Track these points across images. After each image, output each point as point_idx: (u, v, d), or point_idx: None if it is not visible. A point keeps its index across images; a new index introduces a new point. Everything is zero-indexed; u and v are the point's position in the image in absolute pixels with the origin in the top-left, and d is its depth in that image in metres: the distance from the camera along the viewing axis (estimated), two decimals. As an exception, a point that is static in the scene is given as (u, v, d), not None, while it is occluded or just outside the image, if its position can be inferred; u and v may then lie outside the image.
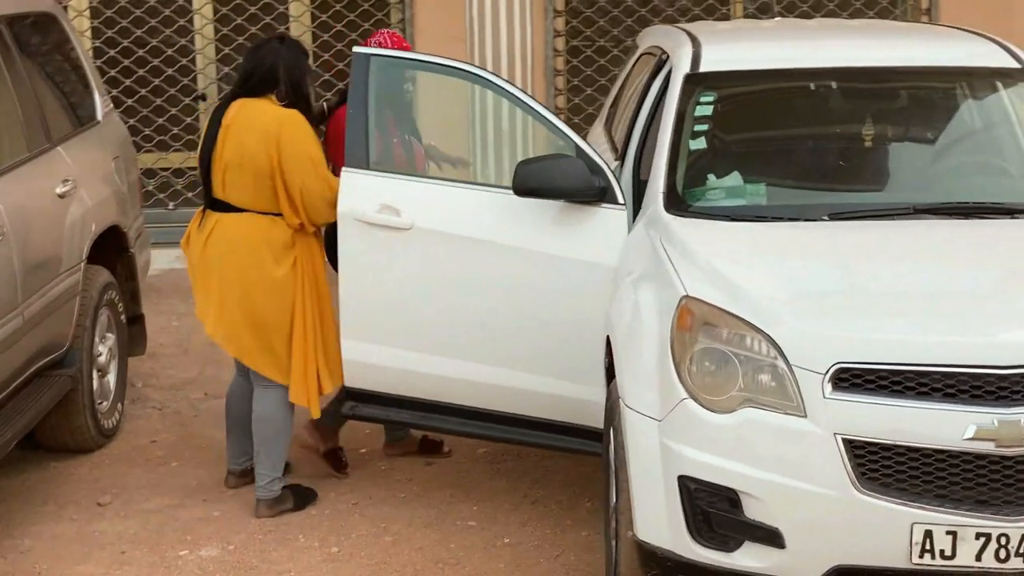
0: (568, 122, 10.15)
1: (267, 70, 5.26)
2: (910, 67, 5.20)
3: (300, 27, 10.06)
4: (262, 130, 5.15)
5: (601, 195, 4.92)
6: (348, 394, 5.38)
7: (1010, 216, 4.59)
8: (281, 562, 4.98)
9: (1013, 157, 5.15)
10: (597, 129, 6.82)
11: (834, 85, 5.21)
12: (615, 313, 4.51)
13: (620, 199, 4.95)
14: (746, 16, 10.27)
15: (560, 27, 10.21)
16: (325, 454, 5.72)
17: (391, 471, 5.84)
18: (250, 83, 5.29)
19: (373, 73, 5.29)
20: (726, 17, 10.23)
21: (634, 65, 6.44)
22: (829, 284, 4.20)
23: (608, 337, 4.56)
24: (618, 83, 6.75)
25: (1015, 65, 5.15)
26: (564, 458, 5.84)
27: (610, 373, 4.56)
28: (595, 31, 10.31)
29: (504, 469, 5.84)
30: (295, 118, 5.21)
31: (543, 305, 5.04)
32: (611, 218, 4.94)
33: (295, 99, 5.28)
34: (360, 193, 5.16)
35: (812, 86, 5.24)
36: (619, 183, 5.02)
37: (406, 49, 5.80)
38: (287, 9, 10.08)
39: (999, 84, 5.25)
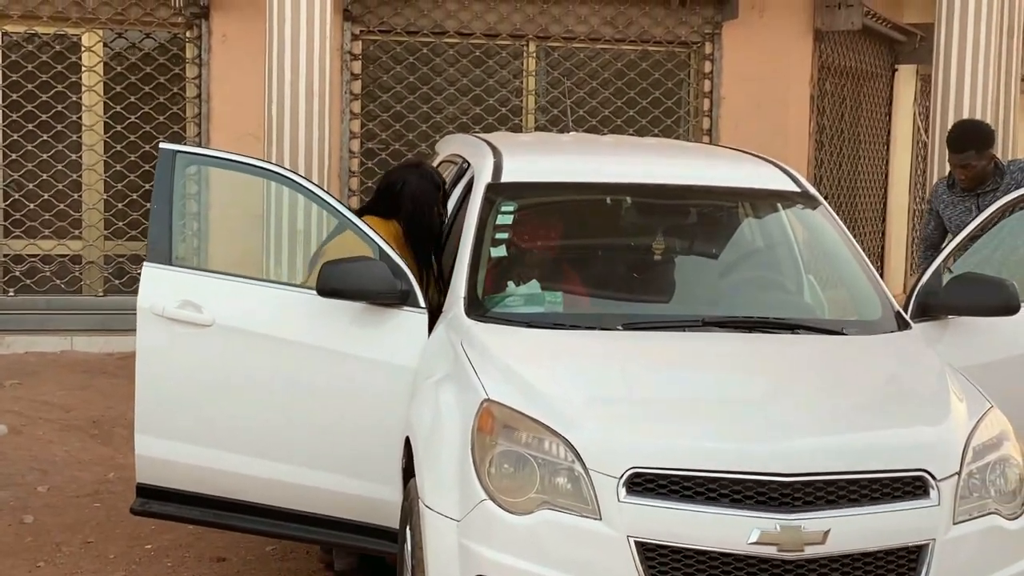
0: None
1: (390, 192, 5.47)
2: (700, 186, 5.48)
3: (93, 117, 9.94)
4: None
5: (403, 298, 4.99)
6: (140, 491, 5.29)
7: (790, 331, 4.86)
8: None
9: (792, 275, 5.47)
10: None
11: (629, 200, 5.44)
12: (415, 414, 4.59)
13: (421, 303, 5.04)
14: (537, 128, 10.62)
15: (356, 129, 10.36)
16: None
17: (177, 567, 5.75)
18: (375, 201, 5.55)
19: (178, 169, 5.30)
20: (518, 128, 10.54)
21: (434, 172, 6.57)
22: (624, 391, 4.36)
23: (408, 438, 4.62)
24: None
25: (794, 188, 5.48)
26: (350, 553, 5.86)
27: (407, 473, 4.63)
28: (390, 135, 10.49)
29: (291, 568, 5.81)
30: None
31: (340, 404, 5.06)
32: (412, 321, 5.02)
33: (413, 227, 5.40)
34: (162, 287, 5.13)
35: (608, 200, 5.45)
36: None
37: None
38: (79, 98, 9.96)
39: (780, 205, 5.57)
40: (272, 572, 5.76)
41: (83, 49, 9.96)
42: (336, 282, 4.92)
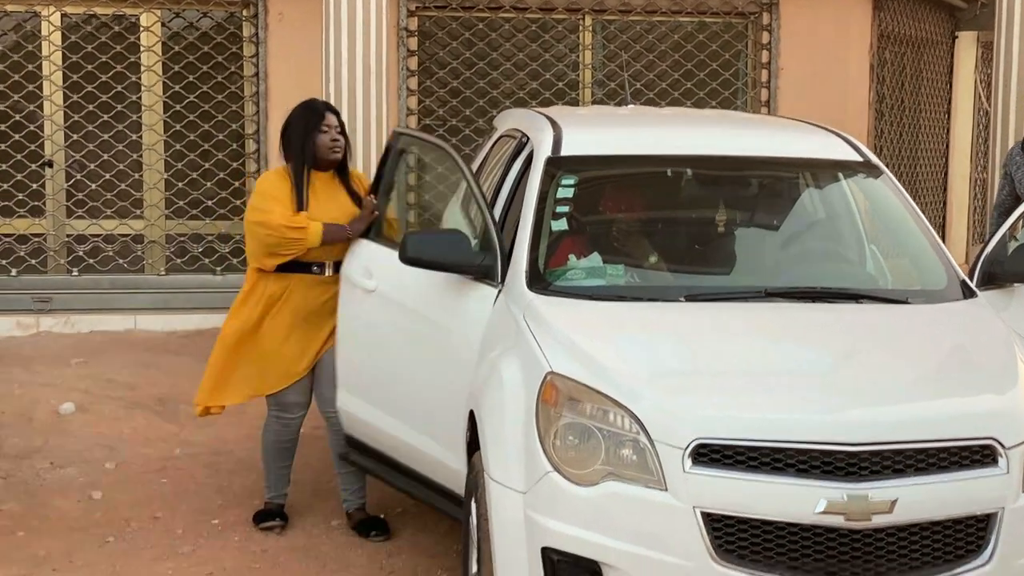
0: (419, 199, 10.34)
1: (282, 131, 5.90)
2: (761, 156, 5.45)
3: (152, 97, 10.02)
4: None
5: (484, 272, 5.00)
6: (346, 440, 5.81)
7: (854, 301, 4.83)
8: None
9: (854, 245, 5.43)
10: (454, 208, 6.93)
11: (689, 172, 5.42)
12: (479, 388, 4.61)
13: (499, 278, 5.02)
14: (594, 102, 10.58)
15: (412, 105, 10.37)
16: None
17: (245, 542, 5.81)
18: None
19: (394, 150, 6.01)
20: (576, 103, 10.51)
21: (492, 146, 6.59)
22: (688, 362, 4.36)
23: (471, 411, 4.65)
24: (476, 163, 6.88)
25: (856, 158, 5.44)
26: (416, 530, 5.92)
27: (471, 446, 4.65)
28: (447, 111, 10.50)
29: (358, 540, 5.85)
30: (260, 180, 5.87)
31: (430, 372, 5.24)
32: (484, 294, 5.02)
33: (299, 157, 5.77)
34: (358, 256, 5.73)
35: (669, 172, 5.44)
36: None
37: None
38: (139, 79, 10.04)
39: (842, 175, 5.53)
40: (339, 545, 5.80)
41: (141, 29, 10.03)
42: (414, 251, 5.06)
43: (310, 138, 5.75)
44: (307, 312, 5.79)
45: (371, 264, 5.64)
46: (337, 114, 5.92)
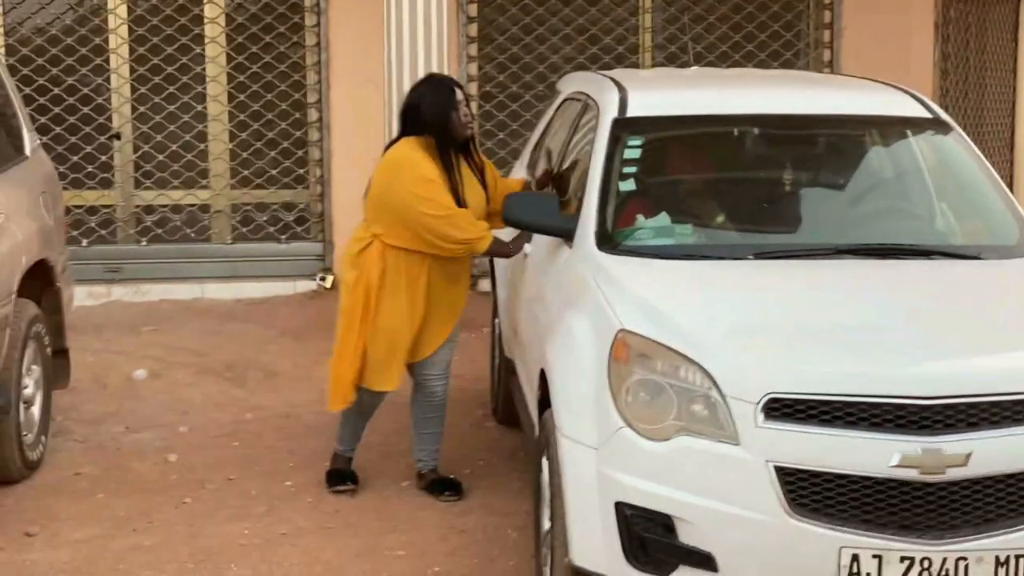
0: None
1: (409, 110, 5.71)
2: (827, 115, 5.45)
3: (216, 68, 10.11)
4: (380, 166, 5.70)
5: (569, 234, 5.09)
6: None
7: (925, 257, 4.83)
8: (214, 592, 5.02)
9: (923, 201, 5.41)
10: (519, 172, 6.98)
11: (756, 131, 5.43)
12: (550, 347, 4.65)
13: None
14: (654, 66, 10.55)
15: (473, 72, 10.40)
16: None
17: (318, 503, 5.90)
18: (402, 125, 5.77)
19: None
20: (636, 66, 10.50)
21: (557, 110, 6.61)
22: (758, 318, 4.37)
23: (542, 370, 4.69)
24: (540, 127, 6.92)
25: (925, 115, 5.42)
26: (486, 490, 5.98)
27: (542, 405, 4.70)
28: (507, 76, 10.52)
29: (429, 500, 5.92)
30: (394, 153, 5.66)
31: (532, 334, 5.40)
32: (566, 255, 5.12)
33: (440, 135, 5.59)
34: None
35: (735, 132, 5.45)
36: None
37: None
38: (203, 51, 10.13)
39: (911, 132, 5.51)
40: (410, 505, 5.87)
41: (205, 1, 10.12)
42: (511, 213, 5.22)
43: (447, 116, 5.60)
44: (446, 298, 5.78)
45: None
46: (463, 88, 5.82)
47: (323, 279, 10.06)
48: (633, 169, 5.34)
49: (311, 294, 10.03)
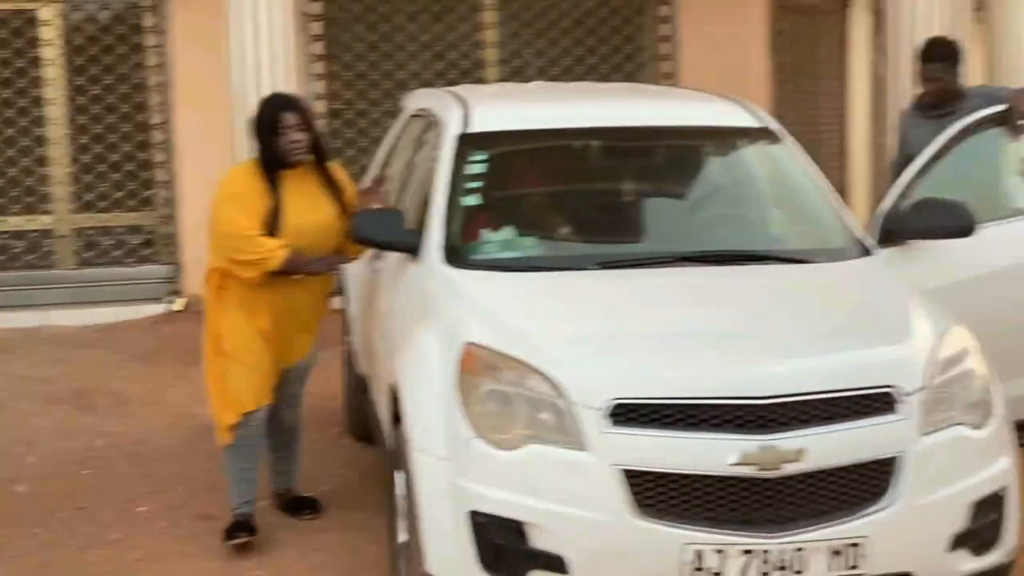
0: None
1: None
2: (666, 126, 5.61)
3: (56, 90, 9.96)
4: None
5: (415, 249, 5.15)
6: None
7: (759, 262, 5.01)
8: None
9: (757, 208, 5.61)
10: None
11: (597, 143, 5.57)
12: (400, 361, 4.72)
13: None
14: (500, 80, 10.69)
15: (320, 91, 10.42)
16: None
17: (173, 527, 5.87)
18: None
19: None
20: (482, 81, 10.63)
21: (404, 127, 6.69)
22: (602, 326, 4.49)
23: (391, 385, 4.76)
24: (386, 144, 6.98)
25: (757, 124, 5.62)
26: (342, 506, 6.02)
27: (395, 419, 4.76)
28: (355, 94, 10.56)
29: (287, 520, 5.93)
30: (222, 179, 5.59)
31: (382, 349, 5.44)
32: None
33: (263, 156, 5.52)
34: None
35: (577, 145, 5.58)
36: None
37: None
38: (41, 73, 9.97)
39: (744, 142, 5.71)
40: (267, 524, 5.87)
41: (40, 23, 9.97)
42: (358, 231, 5.26)
43: (269, 138, 5.48)
44: (294, 311, 5.61)
45: None
46: (298, 109, 5.53)
47: (172, 302, 9.98)
48: (477, 184, 5.42)
49: (160, 317, 9.94)
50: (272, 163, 5.48)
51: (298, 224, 5.43)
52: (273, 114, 5.49)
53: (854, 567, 4.03)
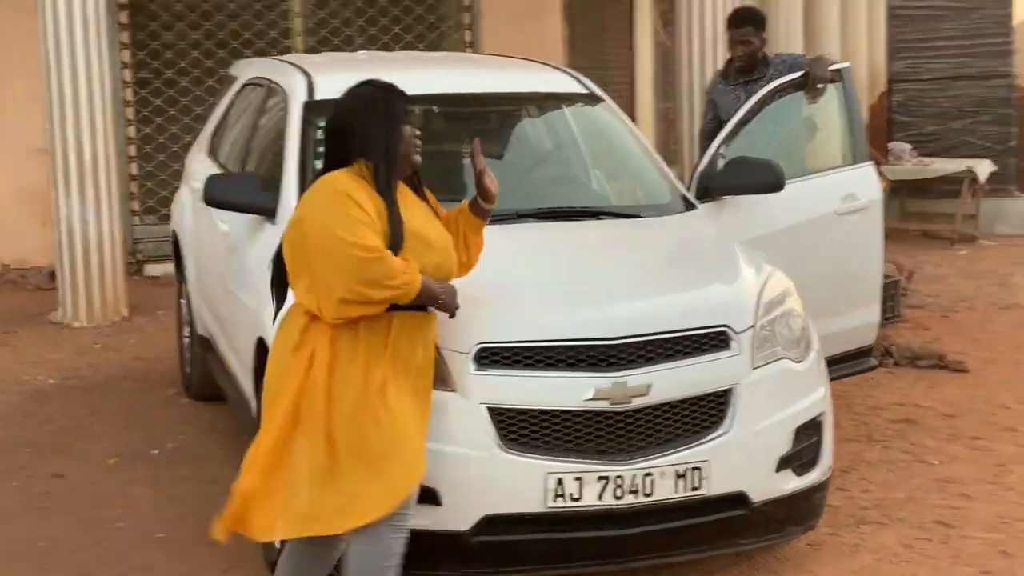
0: (140, 151, 10.43)
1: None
2: (504, 93, 6.01)
3: None
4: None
5: (271, 213, 5.39)
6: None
7: (594, 217, 5.45)
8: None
9: (589, 169, 6.05)
10: (199, 155, 7.19)
11: (436, 109, 5.89)
12: (269, 315, 4.95)
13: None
14: (306, 50, 10.88)
15: (127, 59, 10.44)
16: None
17: (25, 487, 5.99)
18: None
19: None
20: (288, 50, 10.80)
21: (237, 95, 6.88)
22: (463, 279, 4.83)
23: (260, 339, 5.01)
24: (218, 112, 7.15)
25: (584, 91, 6.06)
26: (192, 461, 6.24)
27: (259, 372, 5.01)
28: (161, 63, 10.61)
29: (139, 476, 6.11)
30: (317, 186, 4.22)
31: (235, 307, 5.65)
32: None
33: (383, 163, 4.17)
34: None
35: (417, 110, 5.88)
36: None
37: None
38: None
39: (573, 107, 6.14)
40: (110, 484, 6.04)
41: None
42: (212, 194, 5.43)
43: (391, 137, 4.21)
44: (416, 363, 4.19)
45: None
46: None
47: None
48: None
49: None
50: (391, 168, 4.18)
51: (424, 243, 4.20)
52: (404, 97, 4.30)
53: (696, 488, 4.51)
